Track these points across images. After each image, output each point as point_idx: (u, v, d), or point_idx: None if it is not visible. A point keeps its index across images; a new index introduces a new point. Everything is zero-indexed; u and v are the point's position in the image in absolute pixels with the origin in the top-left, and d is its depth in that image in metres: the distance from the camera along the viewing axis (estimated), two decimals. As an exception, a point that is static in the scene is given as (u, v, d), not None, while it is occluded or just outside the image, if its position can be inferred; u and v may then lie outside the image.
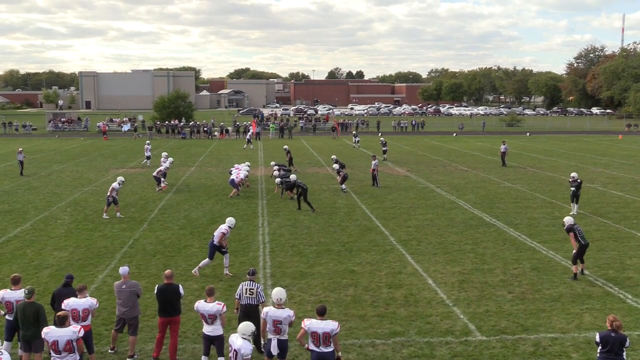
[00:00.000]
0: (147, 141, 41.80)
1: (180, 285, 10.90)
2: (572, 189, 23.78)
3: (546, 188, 29.57)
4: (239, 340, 8.65)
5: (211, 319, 10.04)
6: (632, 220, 22.43)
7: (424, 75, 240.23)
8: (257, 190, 28.86)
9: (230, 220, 16.21)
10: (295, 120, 74.71)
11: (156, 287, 10.95)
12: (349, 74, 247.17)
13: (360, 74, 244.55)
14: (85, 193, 27.82)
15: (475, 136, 66.58)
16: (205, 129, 64.21)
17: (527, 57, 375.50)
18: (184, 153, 45.09)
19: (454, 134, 68.56)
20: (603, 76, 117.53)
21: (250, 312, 10.84)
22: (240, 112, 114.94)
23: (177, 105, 74.38)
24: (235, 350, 8.62)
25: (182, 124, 66.59)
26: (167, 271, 11.05)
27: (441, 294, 14.30)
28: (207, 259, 15.63)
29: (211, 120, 70.29)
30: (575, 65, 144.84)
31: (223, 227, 15.84)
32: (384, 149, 41.51)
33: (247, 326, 8.82)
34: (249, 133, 53.99)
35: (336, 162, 30.69)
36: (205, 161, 40.66)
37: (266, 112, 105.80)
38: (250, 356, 8.56)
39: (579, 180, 23.82)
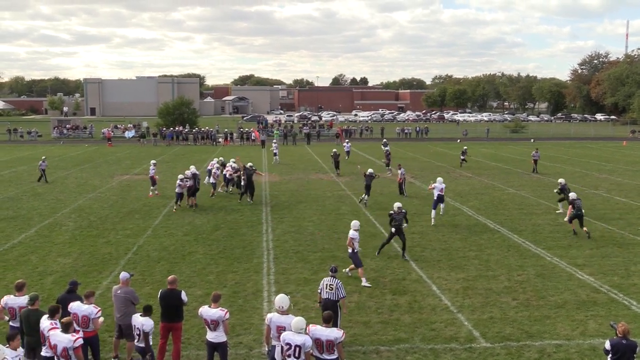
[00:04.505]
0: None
1: (183, 292, 10.87)
2: None
3: (550, 194, 29.46)
4: (299, 337, 8.87)
5: (213, 324, 10.02)
6: (637, 226, 22.35)
7: (428, 81, 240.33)
8: (261, 196, 28.85)
9: (355, 224, 15.90)
10: (301, 127, 74.64)
11: (159, 292, 10.95)
12: (353, 80, 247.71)
13: (364, 81, 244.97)
14: (90, 199, 27.87)
15: (480, 142, 66.49)
16: (210, 134, 64.23)
17: (531, 63, 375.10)
18: (188, 159, 45.18)
19: (458, 140, 68.46)
20: (607, 82, 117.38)
21: (329, 307, 11.34)
22: (245, 118, 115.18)
23: (181, 111, 74.52)
24: (296, 346, 8.81)
25: (186, 130, 66.69)
26: (170, 277, 11.04)
27: (445, 301, 14.27)
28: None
29: (215, 127, 70.39)
30: (579, 71, 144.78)
31: (351, 233, 15.66)
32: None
33: (298, 322, 9.02)
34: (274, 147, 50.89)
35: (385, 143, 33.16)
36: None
37: (270, 118, 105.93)
38: (310, 349, 8.90)
39: None
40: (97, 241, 19.85)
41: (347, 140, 49.06)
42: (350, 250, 15.61)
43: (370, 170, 26.94)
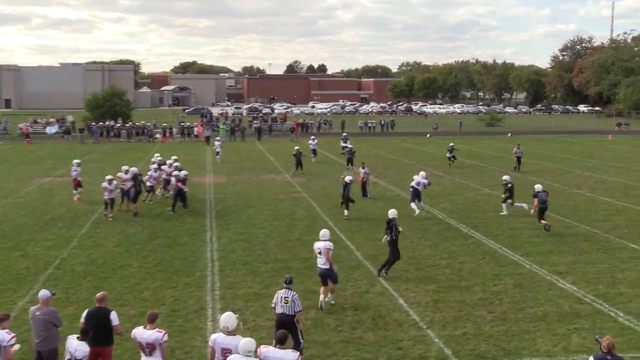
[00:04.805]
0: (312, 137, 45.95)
1: (113, 311, 10.68)
2: None
3: (529, 194, 29.98)
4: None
5: (149, 348, 9.86)
6: (623, 229, 22.94)
7: (394, 69, 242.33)
8: (205, 200, 28.64)
9: (325, 234, 15.23)
10: (250, 121, 74.36)
11: (85, 312, 10.74)
12: (310, 67, 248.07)
13: (322, 68, 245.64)
14: (4, 206, 27.20)
15: (452, 137, 67.28)
16: (146, 130, 63.48)
17: (508, 48, 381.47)
18: (119, 158, 44.55)
19: (428, 135, 69.31)
20: (591, 70, 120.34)
21: (285, 322, 11.51)
22: (186, 111, 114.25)
23: (113, 103, 73.67)
24: None
25: (118, 124, 65.80)
26: (99, 294, 10.88)
27: (413, 316, 14.38)
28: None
29: (152, 121, 69.66)
30: (560, 58, 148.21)
31: (328, 244, 14.94)
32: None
33: (247, 343, 8.92)
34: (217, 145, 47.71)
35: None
36: (145, 168, 40.16)
37: (216, 111, 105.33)
38: None
39: None
40: (12, 254, 19.37)
41: (312, 137, 47.44)
42: (326, 266, 14.76)
43: (349, 178, 25.56)
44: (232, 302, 15.08)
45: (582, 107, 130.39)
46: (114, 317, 10.58)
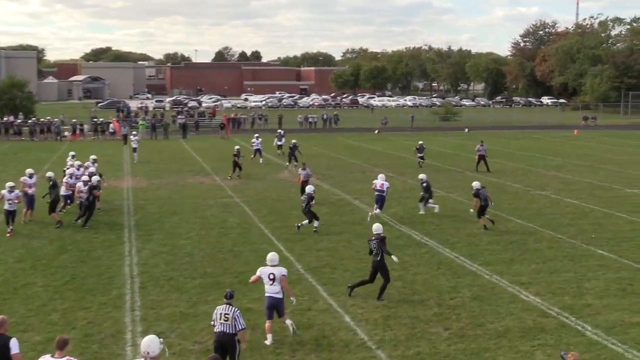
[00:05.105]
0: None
1: (13, 339, 10.42)
2: None
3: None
4: None
5: (58, 380, 9.72)
6: (590, 234, 23.57)
7: (338, 57, 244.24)
8: (122, 206, 28.27)
9: (273, 258, 14.55)
10: (174, 116, 73.73)
11: (-20, 340, 10.48)
12: (243, 55, 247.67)
13: (256, 55, 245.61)
14: None
15: (402, 134, 68.11)
16: (53, 126, 62.35)
17: (464, 34, 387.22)
18: (21, 160, 43.59)
19: (376, 131, 69.87)
20: (555, 58, 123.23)
21: (225, 342, 11.70)
22: (100, 105, 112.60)
23: (12, 96, 72.41)
24: None
25: (19, 120, 64.41)
26: (-3, 318, 10.64)
27: (361, 334, 14.48)
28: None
29: (60, 116, 68.41)
30: (521, 44, 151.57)
31: (283, 270, 14.47)
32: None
33: None
34: (134, 141, 46.66)
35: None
36: (51, 170, 39.37)
37: (134, 104, 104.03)
38: None
39: None
40: None
41: (256, 135, 45.88)
42: (280, 295, 14.21)
43: (310, 189, 24.66)
44: (155, 324, 14.96)
45: (545, 100, 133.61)
46: (14, 345, 10.28)
